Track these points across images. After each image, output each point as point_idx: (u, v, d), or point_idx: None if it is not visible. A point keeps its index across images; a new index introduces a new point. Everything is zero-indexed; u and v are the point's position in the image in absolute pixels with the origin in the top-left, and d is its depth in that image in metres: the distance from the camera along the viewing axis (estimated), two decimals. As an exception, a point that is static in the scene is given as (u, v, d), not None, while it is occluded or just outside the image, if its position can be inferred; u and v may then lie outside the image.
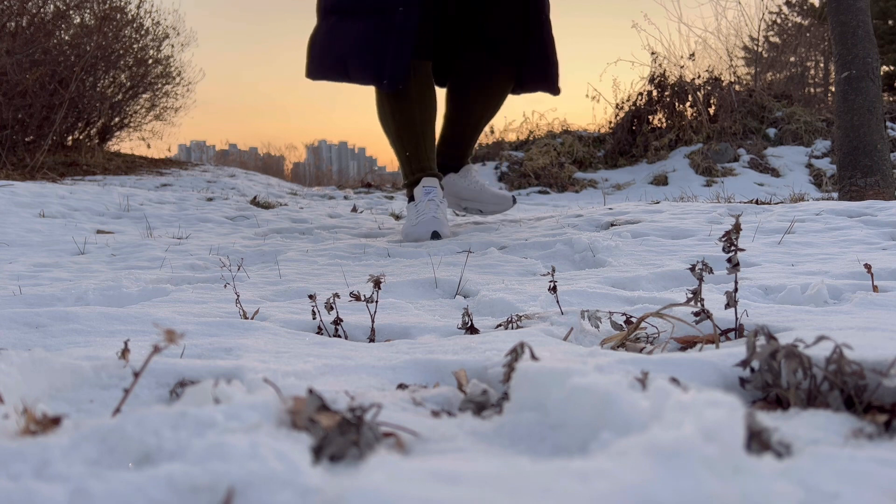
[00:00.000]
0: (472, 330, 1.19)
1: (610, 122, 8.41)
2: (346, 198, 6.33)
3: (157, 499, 0.43)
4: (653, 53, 8.28)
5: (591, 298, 1.46)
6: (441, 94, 3.05)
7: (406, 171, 2.92)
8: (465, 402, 0.73)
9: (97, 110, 8.82)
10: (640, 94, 8.20)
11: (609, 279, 1.70)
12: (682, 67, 8.34)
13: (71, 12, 8.25)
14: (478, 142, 8.51)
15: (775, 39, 13.34)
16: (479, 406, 0.71)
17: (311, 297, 1.26)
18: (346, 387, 0.81)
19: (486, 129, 8.99)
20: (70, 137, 8.81)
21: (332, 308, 1.24)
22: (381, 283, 1.22)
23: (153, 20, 9.62)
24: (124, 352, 0.86)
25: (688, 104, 8.06)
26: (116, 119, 9.62)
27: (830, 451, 0.54)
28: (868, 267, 1.43)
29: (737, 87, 8.35)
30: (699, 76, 8.22)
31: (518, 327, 1.21)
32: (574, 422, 0.57)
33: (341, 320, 1.25)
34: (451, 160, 3.13)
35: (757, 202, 3.60)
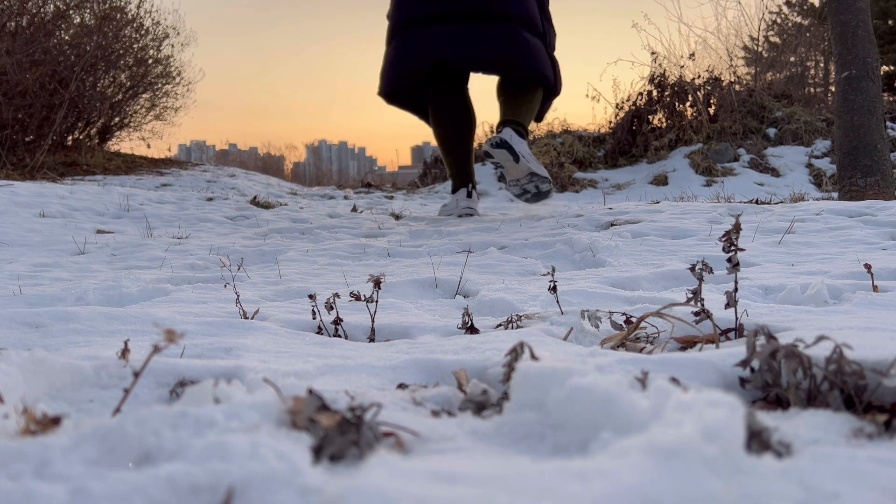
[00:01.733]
0: (472, 330, 1.19)
1: (610, 122, 8.41)
2: (346, 198, 6.33)
3: (157, 499, 0.43)
4: (653, 53, 8.28)
5: (591, 298, 1.46)
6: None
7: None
8: (465, 402, 0.73)
9: (97, 110, 8.81)
10: (640, 93, 8.19)
11: (609, 279, 1.70)
12: (682, 67, 8.33)
13: (71, 12, 8.24)
14: (478, 142, 8.57)
15: (775, 39, 13.34)
16: (479, 406, 0.72)
17: (311, 296, 1.26)
18: (346, 386, 0.81)
19: (486, 129, 8.99)
20: (70, 137, 8.80)
21: (332, 308, 1.24)
22: (381, 282, 1.22)
23: (153, 20, 9.61)
24: (124, 352, 0.86)
25: (688, 104, 8.05)
26: (116, 119, 9.61)
27: (830, 451, 0.54)
28: (868, 267, 1.43)
29: (737, 87, 8.34)
30: (699, 76, 8.22)
31: (518, 327, 1.21)
32: (574, 421, 0.57)
33: (341, 320, 1.25)
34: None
35: (757, 202, 3.60)
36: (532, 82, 3.31)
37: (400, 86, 3.37)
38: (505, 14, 3.15)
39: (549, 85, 3.38)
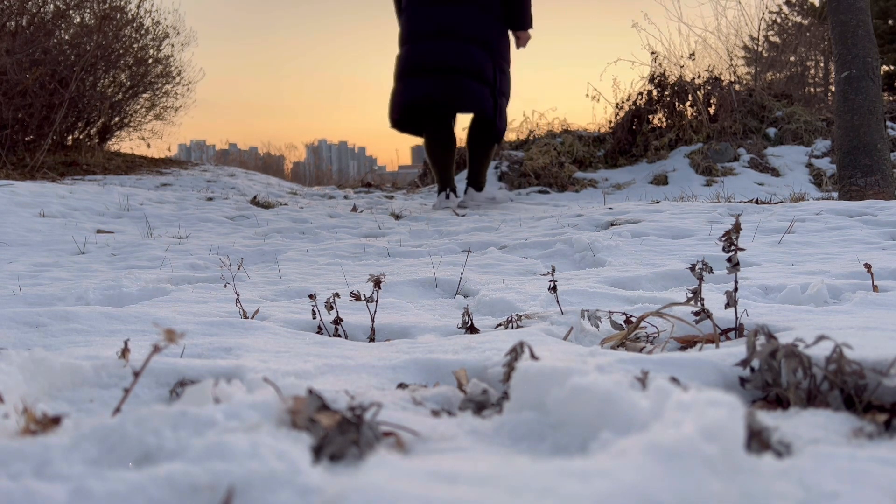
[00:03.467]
0: (472, 329, 1.19)
1: (610, 122, 8.39)
2: (346, 197, 6.33)
3: (157, 498, 0.43)
4: (653, 53, 8.27)
5: (591, 298, 1.46)
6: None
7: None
8: (465, 402, 0.73)
9: (97, 110, 8.81)
10: (640, 93, 8.18)
11: (609, 279, 1.70)
12: (682, 67, 8.32)
13: (71, 12, 8.24)
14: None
15: (775, 39, 13.34)
16: (479, 405, 0.72)
17: (311, 296, 1.26)
18: (346, 386, 0.81)
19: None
20: (70, 137, 8.80)
21: (332, 308, 1.24)
22: (381, 282, 1.22)
23: (153, 20, 9.60)
24: (124, 351, 0.86)
25: (688, 104, 8.04)
26: (116, 119, 9.60)
27: (830, 451, 0.54)
28: (868, 266, 1.43)
29: (737, 87, 8.33)
30: (699, 76, 8.20)
31: (518, 327, 1.21)
32: (574, 421, 0.57)
33: (341, 320, 1.25)
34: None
35: (757, 202, 3.60)
36: (477, 117, 4.78)
37: (401, 119, 4.71)
38: (456, 69, 4.48)
39: (488, 117, 4.65)
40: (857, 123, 4.07)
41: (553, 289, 1.26)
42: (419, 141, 5.50)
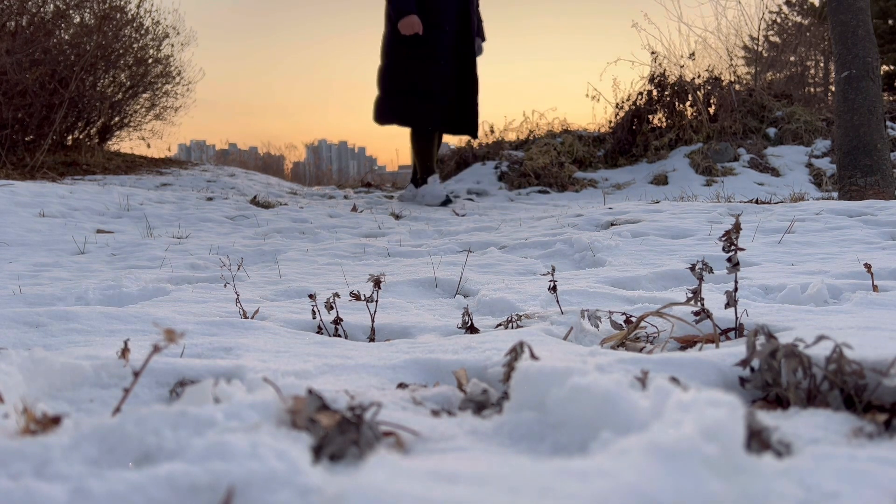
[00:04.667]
0: (472, 329, 1.19)
1: (610, 122, 8.39)
2: (346, 197, 6.32)
3: (157, 498, 0.43)
4: (653, 53, 8.26)
5: (591, 298, 1.46)
6: None
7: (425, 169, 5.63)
8: (464, 402, 0.73)
9: (97, 110, 8.80)
10: (640, 93, 8.17)
11: (609, 278, 1.70)
12: (682, 67, 8.31)
13: (71, 12, 8.24)
14: (478, 142, 8.67)
15: (775, 39, 13.33)
16: (479, 405, 0.72)
17: (311, 296, 1.26)
18: (346, 386, 0.81)
19: (486, 128, 9.05)
20: (70, 137, 8.80)
21: (332, 307, 1.24)
22: (381, 282, 1.22)
23: (153, 19, 9.59)
24: (124, 351, 0.86)
25: (688, 104, 8.04)
26: (116, 119, 9.59)
27: (830, 451, 0.54)
28: (868, 266, 1.43)
29: (737, 87, 8.33)
30: (699, 76, 8.20)
31: (518, 326, 1.21)
32: (574, 421, 0.57)
33: (341, 320, 1.25)
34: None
35: (757, 202, 3.60)
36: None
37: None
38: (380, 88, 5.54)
39: (376, 120, 5.48)
40: (857, 123, 4.07)
41: (553, 289, 1.26)
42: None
